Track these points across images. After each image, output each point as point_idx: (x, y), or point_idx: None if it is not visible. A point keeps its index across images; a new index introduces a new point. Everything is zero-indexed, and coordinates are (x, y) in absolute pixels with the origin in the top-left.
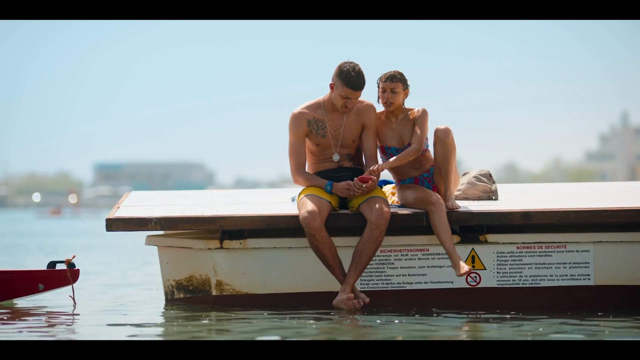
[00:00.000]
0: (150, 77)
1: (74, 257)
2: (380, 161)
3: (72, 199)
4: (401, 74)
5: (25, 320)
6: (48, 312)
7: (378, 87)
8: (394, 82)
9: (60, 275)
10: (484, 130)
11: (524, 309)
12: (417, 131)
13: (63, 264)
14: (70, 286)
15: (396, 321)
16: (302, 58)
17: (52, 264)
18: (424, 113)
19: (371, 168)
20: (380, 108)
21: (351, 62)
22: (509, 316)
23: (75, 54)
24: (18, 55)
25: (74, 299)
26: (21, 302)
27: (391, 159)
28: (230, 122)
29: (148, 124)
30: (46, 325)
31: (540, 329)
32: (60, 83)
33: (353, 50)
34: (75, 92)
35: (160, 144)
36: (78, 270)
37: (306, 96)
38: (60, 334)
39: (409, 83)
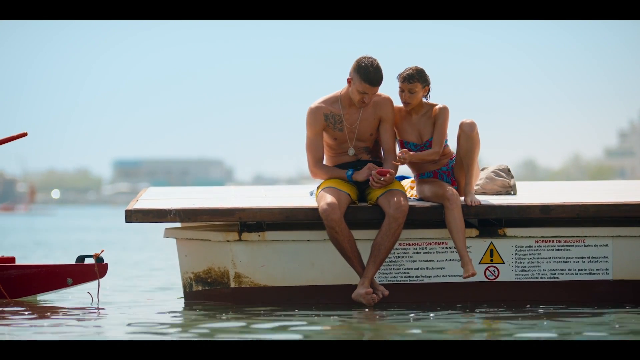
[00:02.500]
0: (169, 73)
1: (102, 251)
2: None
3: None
4: (420, 72)
5: (43, 317)
6: (69, 309)
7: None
8: (412, 83)
9: (89, 270)
10: (503, 128)
11: (542, 303)
12: (437, 134)
13: (91, 259)
14: (96, 281)
15: (414, 316)
16: (320, 55)
17: (80, 259)
18: (444, 111)
19: (398, 154)
20: (399, 102)
21: (369, 57)
22: (526, 311)
23: (93, 50)
24: (36, 52)
25: (91, 295)
26: (41, 298)
27: (412, 153)
28: (249, 119)
29: (167, 121)
30: (65, 323)
31: (559, 325)
32: (80, 79)
33: (370, 48)
34: (94, 89)
35: (179, 140)
36: (106, 264)
37: (324, 93)
38: (77, 333)
39: (429, 80)
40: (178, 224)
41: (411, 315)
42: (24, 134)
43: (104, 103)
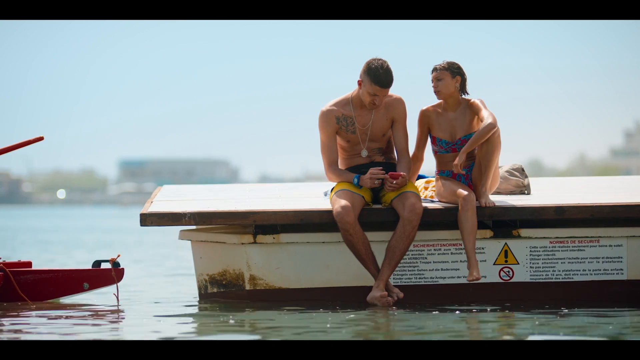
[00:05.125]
0: (175, 72)
1: (118, 256)
2: (410, 152)
3: None
4: (449, 63)
5: (58, 318)
6: (87, 312)
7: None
8: (437, 72)
9: (105, 275)
10: (509, 128)
11: (557, 304)
12: (483, 112)
13: (108, 263)
14: (114, 285)
15: (429, 318)
16: (325, 55)
17: (97, 263)
18: (481, 101)
19: (454, 165)
20: (411, 103)
21: (379, 59)
22: (541, 311)
23: (98, 49)
24: (40, 51)
25: (117, 297)
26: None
27: (465, 146)
28: (254, 118)
29: (173, 120)
30: (81, 324)
31: (573, 326)
32: (85, 78)
33: (373, 48)
34: (100, 88)
35: (185, 140)
36: (123, 269)
37: (329, 92)
38: (97, 333)
39: (462, 72)
40: (193, 226)
41: (426, 316)
42: (40, 138)
43: (109, 102)
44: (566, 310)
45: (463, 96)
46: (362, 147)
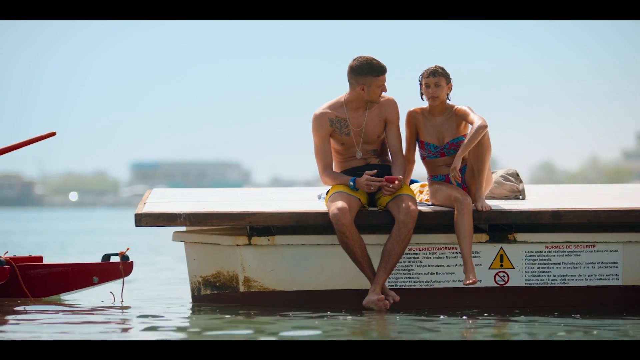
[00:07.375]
0: (187, 75)
1: (127, 249)
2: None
3: None
4: (443, 69)
5: (60, 317)
6: (88, 310)
7: (420, 85)
8: (437, 77)
9: (114, 268)
10: (520, 130)
11: (552, 309)
12: (472, 115)
13: (117, 257)
14: (118, 281)
15: (423, 321)
16: (337, 56)
17: (106, 257)
18: (469, 107)
19: (452, 169)
20: (404, 104)
21: (359, 57)
22: (536, 316)
23: (110, 51)
24: (52, 51)
25: (114, 295)
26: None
27: (460, 150)
28: (266, 120)
29: (184, 123)
30: (77, 323)
31: (568, 331)
32: (98, 81)
33: (383, 47)
34: (112, 91)
35: (197, 142)
36: (132, 262)
37: (340, 93)
38: (89, 333)
39: (451, 77)
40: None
41: (421, 320)
42: (53, 134)
43: (121, 105)
44: (561, 316)
45: (448, 101)
46: (357, 148)
